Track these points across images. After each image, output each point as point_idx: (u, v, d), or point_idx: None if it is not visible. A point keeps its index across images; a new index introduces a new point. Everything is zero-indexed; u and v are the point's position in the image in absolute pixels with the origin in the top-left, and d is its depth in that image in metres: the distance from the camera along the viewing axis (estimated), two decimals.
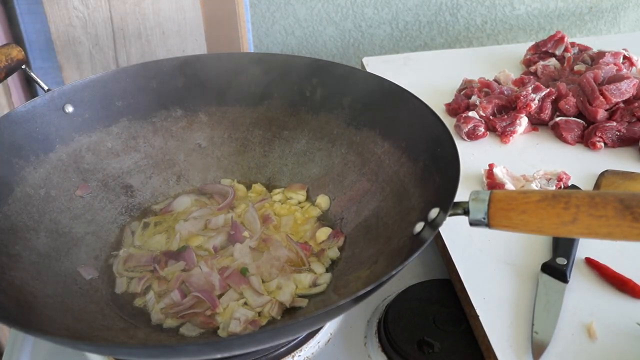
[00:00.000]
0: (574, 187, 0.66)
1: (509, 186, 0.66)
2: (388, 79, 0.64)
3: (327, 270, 0.59)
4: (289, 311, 0.55)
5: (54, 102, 0.64)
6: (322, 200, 0.65)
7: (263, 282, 0.57)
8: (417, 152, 0.58)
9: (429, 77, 0.92)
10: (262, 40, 1.09)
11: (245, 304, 0.55)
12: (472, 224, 0.44)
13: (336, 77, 0.66)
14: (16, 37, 0.95)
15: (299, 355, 0.55)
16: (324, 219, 0.65)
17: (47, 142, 0.63)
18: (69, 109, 0.64)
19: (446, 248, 0.60)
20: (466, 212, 0.44)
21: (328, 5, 1.07)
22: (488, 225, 0.44)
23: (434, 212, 0.48)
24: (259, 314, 0.54)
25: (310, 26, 1.09)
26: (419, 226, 0.50)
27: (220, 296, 0.56)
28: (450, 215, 0.45)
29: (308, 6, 1.07)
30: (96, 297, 0.56)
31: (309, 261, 0.59)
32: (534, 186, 0.66)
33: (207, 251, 0.61)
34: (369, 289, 0.42)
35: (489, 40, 1.14)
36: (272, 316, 0.54)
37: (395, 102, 0.61)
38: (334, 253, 0.60)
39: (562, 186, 0.66)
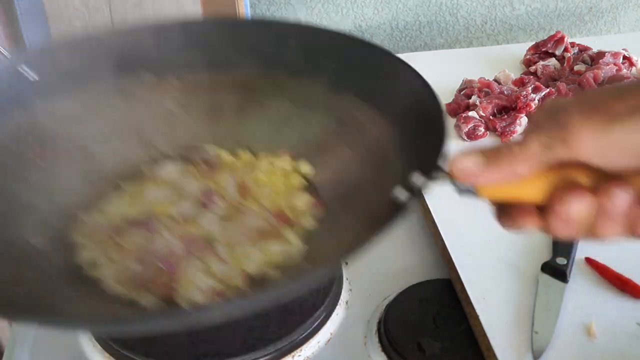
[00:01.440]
0: None
1: None
2: (372, 42, 0.61)
3: (303, 241, 0.55)
4: (259, 283, 0.52)
5: (12, 64, 0.59)
6: (306, 168, 0.61)
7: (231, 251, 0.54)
8: (402, 118, 0.55)
9: (428, 77, 0.91)
10: None
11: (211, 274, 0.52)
12: (460, 192, 0.42)
13: (317, 41, 0.62)
14: (16, 37, 0.95)
15: (299, 355, 0.55)
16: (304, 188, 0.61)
17: (4, 107, 0.58)
18: (30, 72, 0.59)
19: (446, 248, 0.60)
20: (452, 180, 0.41)
21: (328, 5, 1.07)
22: (476, 194, 0.42)
23: (416, 178, 0.45)
24: (227, 286, 0.52)
25: None
26: (401, 193, 0.46)
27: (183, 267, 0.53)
28: (434, 181, 0.42)
29: (308, 6, 1.07)
30: (47, 268, 0.52)
31: (283, 231, 0.56)
32: None
33: (173, 219, 0.57)
34: (344, 256, 0.41)
35: (489, 41, 1.14)
36: (237, 286, 0.51)
37: (379, 66, 0.58)
38: (309, 222, 0.57)
39: None
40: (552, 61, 0.90)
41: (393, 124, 0.56)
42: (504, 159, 0.39)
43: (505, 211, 0.42)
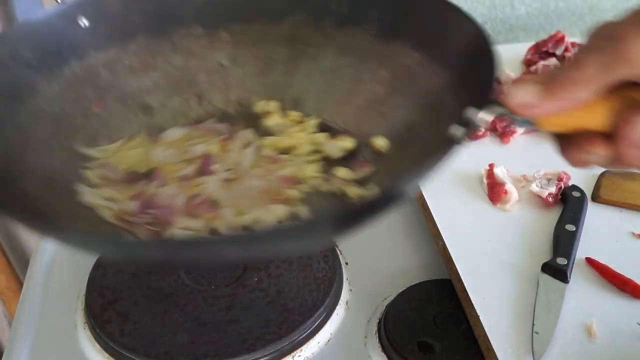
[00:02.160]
0: (574, 187, 0.66)
1: (509, 186, 0.66)
2: None
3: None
4: None
5: (68, 14, 0.60)
6: (381, 142, 0.58)
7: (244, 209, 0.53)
8: (452, 59, 0.54)
9: None
10: None
11: None
12: (519, 126, 0.41)
13: None
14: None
15: (299, 356, 0.55)
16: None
17: (61, 56, 0.59)
18: (84, 21, 0.60)
19: (446, 248, 0.60)
20: (511, 114, 0.40)
21: None
22: (536, 126, 0.39)
23: (473, 112, 0.42)
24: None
25: None
26: (457, 130, 0.45)
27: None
28: (496, 116, 0.40)
29: None
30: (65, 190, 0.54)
31: (289, 194, 0.55)
32: (535, 186, 0.66)
33: (175, 180, 0.57)
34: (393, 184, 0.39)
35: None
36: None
37: (426, 8, 0.57)
38: (354, 191, 0.55)
39: (563, 186, 0.66)
40: (553, 61, 0.90)
41: (445, 68, 0.54)
42: (562, 85, 0.37)
43: (571, 142, 0.39)
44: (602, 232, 0.62)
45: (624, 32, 0.35)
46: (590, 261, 0.59)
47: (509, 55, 0.97)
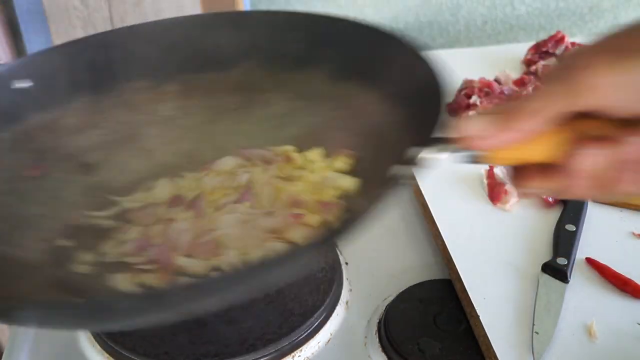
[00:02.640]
0: None
1: (510, 186, 0.65)
2: (370, 22, 0.58)
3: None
4: None
5: (7, 76, 0.57)
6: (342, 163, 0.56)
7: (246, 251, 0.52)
8: (405, 98, 0.52)
9: None
10: None
11: None
12: (464, 162, 0.40)
13: (314, 29, 0.60)
14: (15, 37, 0.95)
15: (299, 356, 0.55)
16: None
17: None
18: (25, 83, 0.58)
19: (446, 248, 0.60)
20: (455, 149, 0.39)
21: (328, 5, 1.07)
22: (483, 161, 0.39)
23: (414, 151, 0.42)
24: None
25: None
26: (398, 169, 0.43)
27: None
28: (437, 152, 0.40)
29: (308, 6, 1.06)
30: (39, 279, 0.51)
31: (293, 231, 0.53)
32: None
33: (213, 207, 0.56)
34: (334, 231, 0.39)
35: (489, 40, 1.14)
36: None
37: (379, 46, 0.55)
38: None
39: None
40: (553, 61, 0.90)
41: (397, 106, 0.53)
42: (514, 117, 0.37)
43: (520, 174, 0.40)
44: (602, 232, 0.62)
45: (579, 61, 0.35)
46: (590, 261, 0.58)
47: (509, 55, 0.98)
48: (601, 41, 0.36)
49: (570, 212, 0.63)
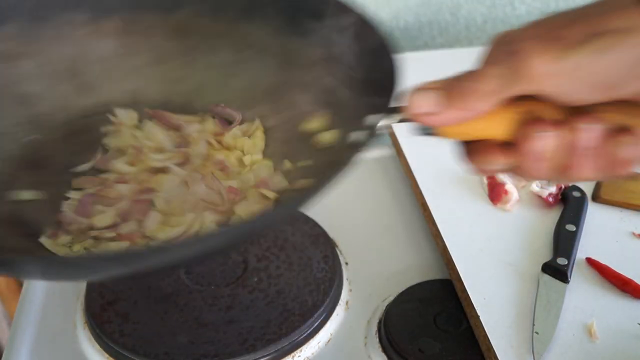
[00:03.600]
0: (574, 187, 0.66)
1: (510, 186, 0.65)
2: None
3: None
4: None
5: None
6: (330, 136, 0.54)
7: (174, 215, 0.52)
8: (355, 58, 0.52)
9: (429, 77, 0.92)
10: None
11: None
12: (419, 132, 0.39)
13: None
14: None
15: (299, 356, 0.55)
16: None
17: None
18: None
19: (446, 248, 0.60)
20: (408, 120, 0.39)
21: None
22: (436, 134, 0.39)
23: (371, 119, 0.42)
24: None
25: None
26: (357, 134, 0.44)
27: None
28: (391, 122, 0.40)
29: None
30: None
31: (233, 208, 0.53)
32: (535, 186, 0.66)
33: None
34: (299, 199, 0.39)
35: (489, 40, 1.14)
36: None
37: (329, 5, 0.54)
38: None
39: (563, 186, 0.66)
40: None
41: (348, 67, 0.52)
42: (461, 96, 0.37)
43: (472, 149, 0.39)
44: (603, 232, 0.62)
45: (522, 47, 0.35)
46: (590, 261, 0.58)
47: None
48: (544, 26, 0.36)
49: (571, 212, 0.63)
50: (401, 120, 0.40)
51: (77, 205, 0.53)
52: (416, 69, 1.02)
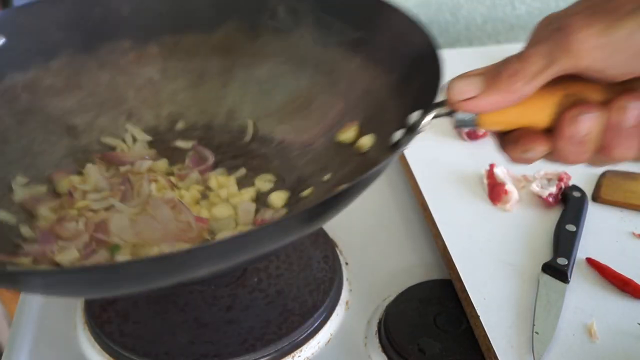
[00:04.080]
0: (574, 187, 0.66)
1: (510, 186, 0.65)
2: None
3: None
4: None
5: None
6: (369, 140, 0.54)
7: (141, 246, 0.52)
8: (392, 62, 0.52)
9: None
10: None
11: None
12: (459, 125, 0.39)
13: None
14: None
15: (299, 356, 0.55)
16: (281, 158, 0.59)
17: None
18: (0, 40, 0.56)
19: (446, 248, 0.60)
20: (451, 112, 0.39)
21: None
22: (477, 124, 0.39)
23: (414, 115, 0.42)
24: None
25: None
26: (398, 134, 0.44)
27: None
28: (435, 116, 0.40)
29: None
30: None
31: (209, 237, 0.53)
32: (535, 186, 0.66)
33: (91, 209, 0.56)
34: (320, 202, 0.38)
35: (489, 40, 1.14)
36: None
37: (362, 10, 0.55)
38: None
39: (563, 186, 0.66)
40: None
41: (385, 70, 0.53)
42: (504, 77, 0.36)
43: (511, 139, 0.39)
44: (603, 232, 0.62)
45: (569, 23, 0.35)
46: (590, 261, 0.58)
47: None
48: (591, 1, 0.35)
49: (571, 212, 0.63)
50: (440, 114, 0.39)
51: (38, 237, 0.53)
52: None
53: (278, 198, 0.57)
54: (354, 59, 0.56)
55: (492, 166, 0.68)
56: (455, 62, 1.06)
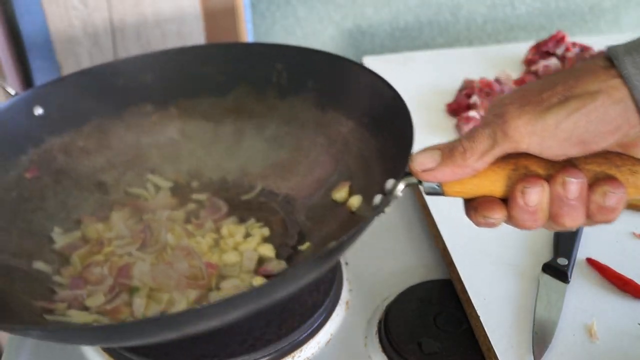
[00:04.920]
0: None
1: None
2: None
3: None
4: None
5: (22, 106, 0.64)
6: (357, 201, 0.59)
7: (157, 291, 0.56)
8: (378, 127, 0.59)
9: (429, 76, 0.92)
10: (261, 40, 1.09)
11: None
12: (427, 192, 0.44)
13: (298, 60, 0.67)
14: (15, 37, 0.95)
15: (299, 356, 0.55)
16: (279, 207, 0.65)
17: (18, 145, 0.63)
18: (38, 111, 0.65)
19: (446, 248, 0.60)
20: (420, 182, 0.44)
21: (328, 5, 1.07)
22: (442, 193, 0.44)
23: (389, 183, 0.47)
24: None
25: (310, 26, 1.08)
26: (377, 199, 0.49)
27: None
28: (406, 185, 0.45)
29: (308, 6, 1.06)
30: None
31: (215, 283, 0.57)
32: None
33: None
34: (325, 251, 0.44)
35: (489, 40, 1.14)
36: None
37: (353, 78, 0.62)
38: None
39: None
40: (553, 61, 0.90)
41: (373, 135, 0.59)
42: (457, 154, 0.41)
43: (473, 206, 0.44)
44: (603, 233, 0.62)
45: (505, 110, 0.40)
46: (590, 261, 0.58)
47: (510, 55, 0.97)
48: (527, 90, 0.41)
49: None
50: (410, 184, 0.45)
51: (70, 283, 0.58)
52: (417, 68, 1.03)
53: (274, 251, 0.61)
54: (348, 123, 0.63)
55: None
56: (455, 62, 1.06)
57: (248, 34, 0.99)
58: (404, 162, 0.46)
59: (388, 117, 0.56)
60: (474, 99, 0.81)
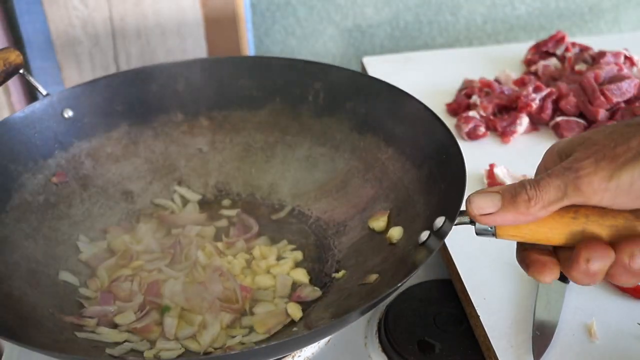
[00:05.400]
0: None
1: None
2: (390, 82, 0.62)
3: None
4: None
5: (52, 107, 0.63)
6: (398, 232, 0.57)
7: (188, 311, 0.55)
8: (422, 158, 0.57)
9: (429, 76, 0.92)
10: (262, 40, 1.09)
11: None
12: (479, 233, 0.44)
13: (339, 81, 0.65)
14: (15, 37, 0.95)
15: (299, 356, 0.55)
16: (317, 231, 0.63)
17: (46, 148, 0.62)
18: (68, 113, 0.64)
19: (447, 248, 0.60)
20: (472, 222, 0.43)
21: (328, 5, 1.07)
22: (495, 235, 0.43)
23: (439, 221, 0.47)
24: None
25: (310, 26, 1.09)
26: (424, 235, 0.49)
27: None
28: (457, 224, 0.44)
29: (308, 6, 1.06)
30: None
31: (249, 307, 0.56)
32: None
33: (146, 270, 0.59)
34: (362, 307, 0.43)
35: (489, 40, 1.14)
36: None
37: (399, 106, 0.61)
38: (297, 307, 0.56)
39: None
40: (553, 61, 0.90)
41: (415, 165, 0.58)
42: (520, 201, 0.41)
43: (526, 252, 0.43)
44: None
45: (578, 166, 0.40)
46: None
47: (509, 55, 0.97)
48: (598, 142, 0.40)
49: None
50: (463, 223, 0.44)
51: (99, 297, 0.57)
52: (417, 68, 1.02)
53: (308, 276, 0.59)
54: (387, 150, 0.62)
55: (492, 166, 0.68)
56: (455, 62, 1.06)
57: (248, 34, 1.00)
58: (456, 202, 0.45)
59: (436, 151, 0.55)
60: (474, 99, 0.81)
